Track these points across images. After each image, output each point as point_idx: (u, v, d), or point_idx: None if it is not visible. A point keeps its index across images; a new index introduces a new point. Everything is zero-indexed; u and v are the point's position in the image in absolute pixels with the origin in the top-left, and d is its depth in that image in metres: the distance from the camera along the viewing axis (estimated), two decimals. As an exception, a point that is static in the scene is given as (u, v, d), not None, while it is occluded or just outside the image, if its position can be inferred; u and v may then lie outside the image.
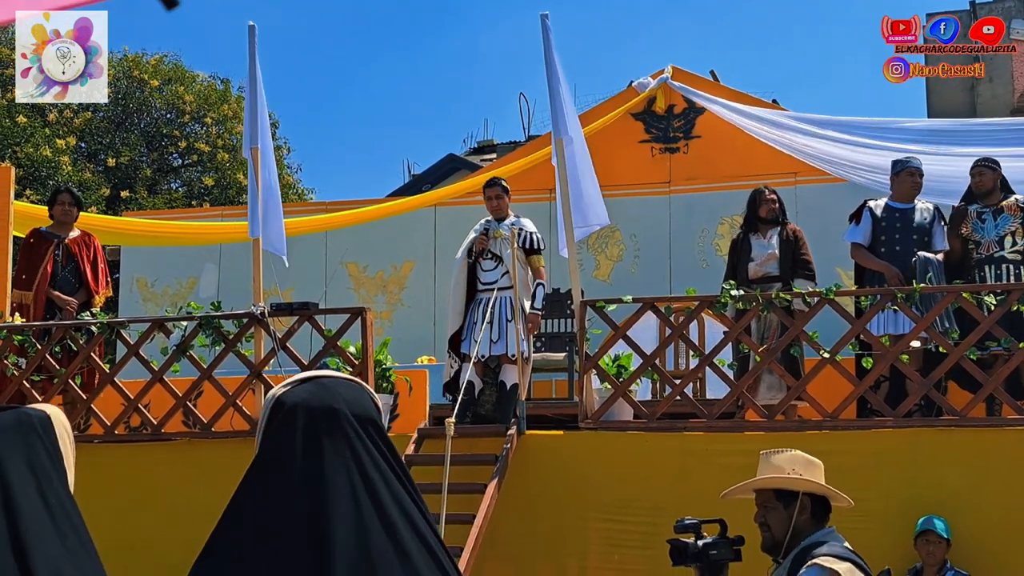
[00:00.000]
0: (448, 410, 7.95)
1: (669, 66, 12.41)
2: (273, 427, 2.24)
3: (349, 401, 2.28)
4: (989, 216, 8.61)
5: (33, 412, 2.47)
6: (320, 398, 2.26)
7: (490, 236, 8.90)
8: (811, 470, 3.97)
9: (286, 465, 2.19)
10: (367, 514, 2.15)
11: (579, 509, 7.69)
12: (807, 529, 3.85)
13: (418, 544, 2.19)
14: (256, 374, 8.30)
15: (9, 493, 2.30)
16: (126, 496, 8.20)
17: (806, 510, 3.86)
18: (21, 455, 2.36)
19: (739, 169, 11.58)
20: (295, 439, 2.20)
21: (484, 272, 8.90)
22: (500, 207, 9.07)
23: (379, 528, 2.15)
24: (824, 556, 3.70)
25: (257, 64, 8.65)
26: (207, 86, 24.45)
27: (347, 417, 2.24)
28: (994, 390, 7.58)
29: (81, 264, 9.58)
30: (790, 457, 4.00)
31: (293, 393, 2.28)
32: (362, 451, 2.21)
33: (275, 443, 2.22)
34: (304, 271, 12.14)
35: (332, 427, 2.21)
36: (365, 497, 2.17)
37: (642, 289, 9.99)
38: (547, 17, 8.37)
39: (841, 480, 7.22)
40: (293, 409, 2.24)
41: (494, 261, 8.88)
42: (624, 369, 8.13)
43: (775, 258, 8.83)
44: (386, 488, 2.20)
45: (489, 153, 26.90)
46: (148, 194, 22.94)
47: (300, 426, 2.22)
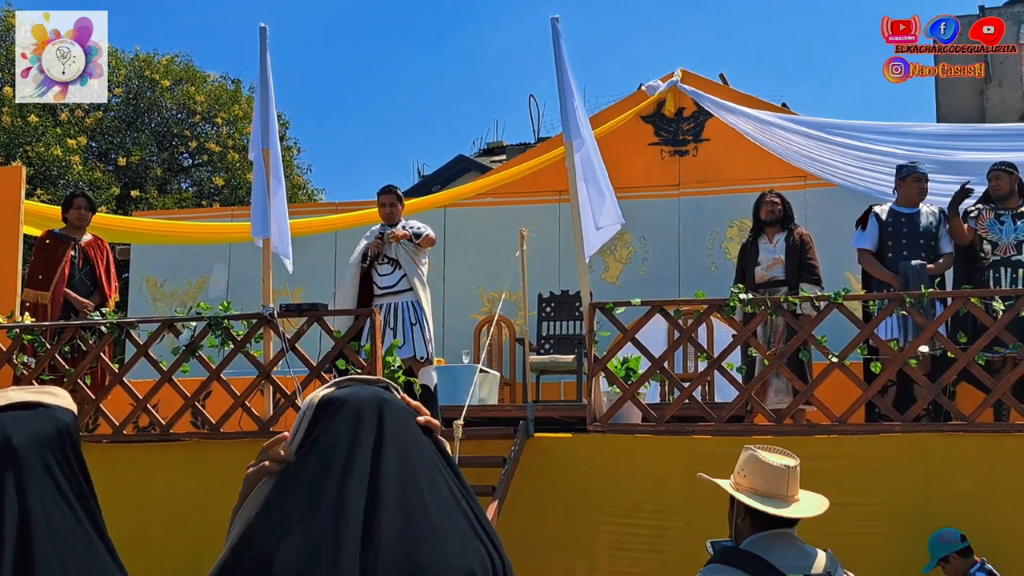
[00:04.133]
0: (455, 412, 7.97)
1: (679, 69, 12.41)
2: (320, 422, 2.24)
3: (392, 402, 2.30)
4: (1008, 219, 8.59)
5: (64, 413, 2.40)
6: (361, 395, 2.28)
7: (385, 240, 8.90)
8: (755, 475, 3.91)
9: (329, 449, 2.20)
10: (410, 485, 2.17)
11: (588, 512, 7.70)
12: (744, 532, 3.84)
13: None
14: (265, 375, 8.32)
15: (49, 516, 2.27)
16: (134, 496, 8.21)
17: (742, 513, 3.85)
18: (61, 472, 2.33)
19: (748, 172, 11.58)
20: (343, 428, 2.22)
21: (381, 276, 8.91)
22: (392, 215, 9.10)
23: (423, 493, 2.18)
24: (711, 565, 3.72)
25: (268, 66, 8.66)
26: (218, 86, 24.48)
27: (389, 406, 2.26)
28: (1002, 395, 7.57)
29: (97, 268, 9.68)
30: (744, 458, 3.98)
31: (338, 392, 2.30)
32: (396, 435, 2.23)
33: (322, 434, 2.23)
34: (314, 271, 12.16)
35: (372, 415, 2.23)
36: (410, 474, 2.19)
37: (651, 292, 10.00)
38: (557, 20, 8.37)
39: (849, 484, 7.27)
40: (343, 402, 2.26)
41: (391, 265, 8.90)
42: (633, 372, 8.13)
43: (781, 263, 8.85)
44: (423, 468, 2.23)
45: (499, 154, 26.93)
46: (158, 194, 22.97)
47: (347, 416, 2.23)
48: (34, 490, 2.25)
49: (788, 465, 3.88)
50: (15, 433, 2.29)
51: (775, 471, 3.85)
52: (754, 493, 3.82)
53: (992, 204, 8.72)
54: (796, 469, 3.89)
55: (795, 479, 3.89)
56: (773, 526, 3.79)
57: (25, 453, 2.27)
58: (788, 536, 3.81)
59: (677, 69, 12.42)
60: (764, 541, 3.76)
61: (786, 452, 3.95)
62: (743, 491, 3.84)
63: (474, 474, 7.49)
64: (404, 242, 8.81)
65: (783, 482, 3.86)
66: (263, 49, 8.68)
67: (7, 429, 2.29)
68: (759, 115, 11.51)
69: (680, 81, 12.20)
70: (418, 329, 8.74)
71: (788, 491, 3.85)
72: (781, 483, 3.86)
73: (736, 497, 3.85)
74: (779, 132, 11.18)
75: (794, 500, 3.86)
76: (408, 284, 8.82)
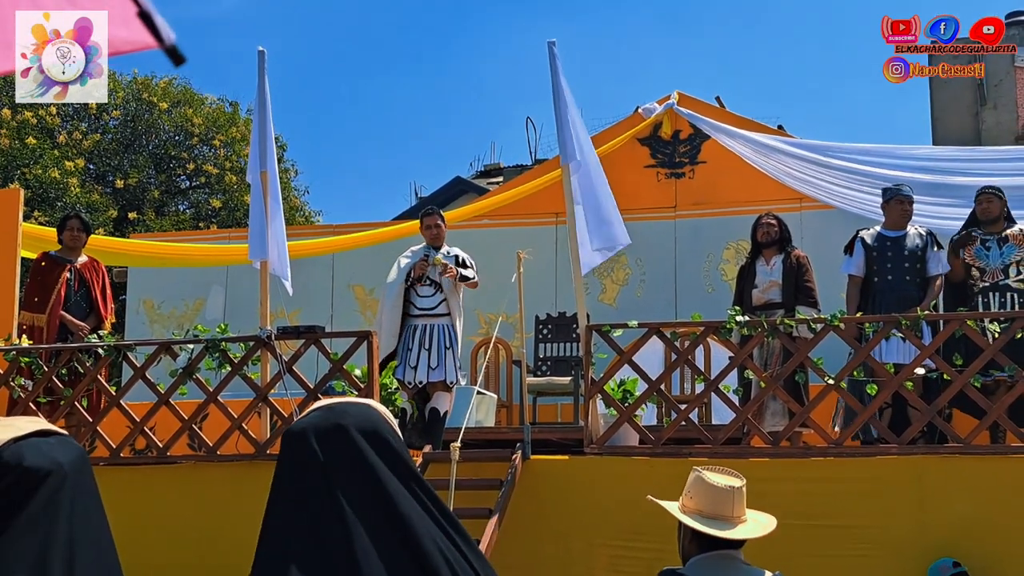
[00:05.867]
0: (452, 434, 7.97)
1: (675, 92, 12.46)
2: (287, 453, 2.28)
3: (356, 417, 2.32)
4: (994, 244, 8.65)
5: (75, 445, 2.45)
6: (327, 419, 2.31)
7: (429, 262, 8.96)
8: (701, 496, 3.92)
9: (300, 487, 2.23)
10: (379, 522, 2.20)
11: (585, 534, 7.69)
12: (691, 554, 3.86)
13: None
14: (262, 397, 8.32)
15: (87, 544, 2.31)
16: (130, 519, 8.19)
17: (688, 535, 3.86)
18: (93, 498, 2.37)
19: (745, 195, 11.61)
20: (306, 461, 2.25)
21: (421, 298, 8.98)
22: (438, 236, 9.19)
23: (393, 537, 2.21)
24: None
25: (267, 90, 8.69)
26: (216, 109, 24.54)
27: (353, 432, 2.29)
28: (998, 417, 7.58)
29: (93, 290, 9.68)
30: (691, 479, 3.98)
31: (303, 419, 2.33)
32: (372, 461, 2.25)
33: (288, 467, 2.26)
34: (311, 293, 12.17)
35: (340, 441, 2.26)
36: (380, 505, 2.22)
37: (648, 313, 10.01)
38: (554, 44, 8.41)
39: (845, 507, 7.27)
40: (303, 432, 2.29)
41: (432, 287, 8.96)
42: (630, 394, 8.14)
43: (777, 285, 8.89)
44: (401, 494, 2.25)
45: (496, 176, 26.98)
46: (156, 216, 22.99)
47: (312, 447, 2.26)
48: (83, 512, 2.31)
49: (733, 486, 3.87)
50: (63, 458, 2.33)
51: (719, 492, 3.85)
52: (699, 515, 3.82)
53: (978, 229, 8.77)
54: (742, 490, 3.88)
55: (740, 500, 3.89)
56: (718, 547, 3.79)
57: (74, 476, 2.32)
58: (731, 558, 3.81)
59: (674, 92, 12.48)
60: (706, 563, 3.77)
61: (732, 472, 3.93)
62: (688, 513, 3.85)
63: (471, 496, 7.49)
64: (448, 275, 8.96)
65: (728, 503, 3.85)
66: (261, 73, 8.70)
67: (55, 454, 2.33)
68: (755, 137, 11.55)
69: (677, 104, 12.25)
70: (451, 354, 8.83)
71: (733, 512, 3.84)
72: (726, 504, 3.85)
73: (680, 519, 3.86)
74: (775, 155, 11.22)
75: (740, 521, 3.85)
76: (447, 309, 8.95)
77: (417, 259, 9.05)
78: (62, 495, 2.28)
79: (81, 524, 2.30)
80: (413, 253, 9.17)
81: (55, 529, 2.22)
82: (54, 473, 2.26)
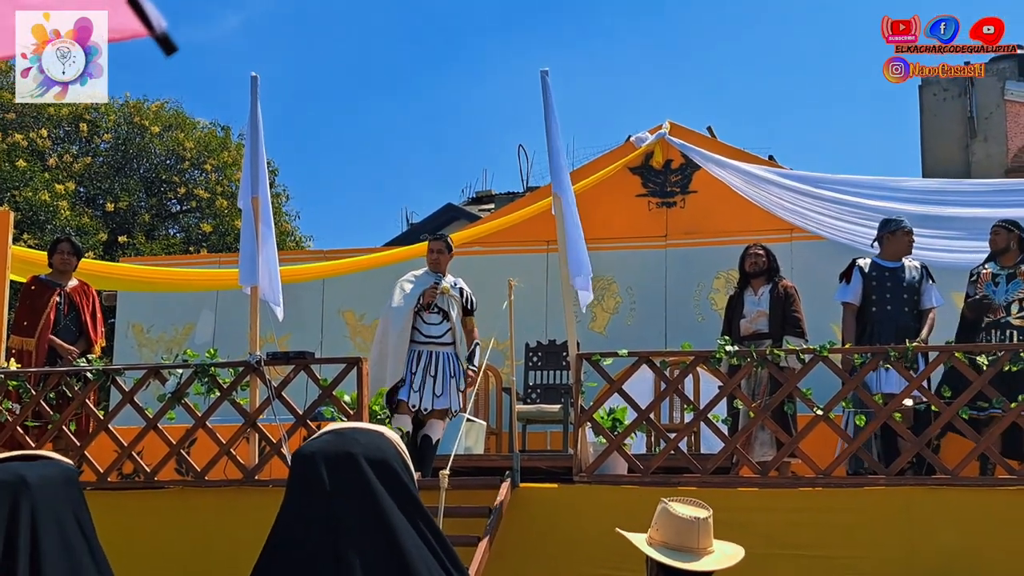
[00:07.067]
0: (441, 461, 7.95)
1: (667, 121, 12.50)
2: (294, 475, 2.29)
3: (366, 446, 2.32)
4: (1003, 280, 8.59)
5: (68, 465, 2.51)
6: (337, 445, 2.31)
7: (438, 290, 8.95)
8: (667, 528, 3.91)
9: (303, 514, 2.24)
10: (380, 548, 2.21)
11: (573, 563, 7.66)
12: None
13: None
14: (251, 423, 8.30)
15: (74, 556, 2.33)
16: (118, 543, 8.13)
17: (655, 568, 3.85)
18: (71, 512, 2.41)
19: (735, 224, 11.64)
20: (312, 486, 2.26)
21: (428, 325, 8.95)
22: (440, 262, 9.17)
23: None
24: None
25: (259, 115, 8.70)
26: (207, 133, 24.55)
27: (362, 460, 2.29)
28: (986, 449, 7.59)
29: (82, 314, 9.66)
30: (657, 511, 3.97)
31: (313, 442, 2.34)
32: (377, 492, 2.25)
33: (294, 492, 2.27)
34: (301, 319, 12.15)
35: (348, 469, 2.26)
36: (380, 533, 2.22)
37: (638, 342, 10.01)
38: (547, 74, 8.43)
39: (834, 538, 7.27)
40: (312, 456, 2.29)
41: (440, 315, 8.96)
42: (619, 422, 8.13)
43: (765, 315, 8.90)
44: (402, 523, 2.25)
45: (487, 203, 26.98)
46: (146, 239, 22.95)
47: (319, 473, 2.27)
48: (46, 525, 2.34)
49: (699, 517, 3.86)
50: (29, 473, 2.39)
51: (685, 523, 3.84)
52: (664, 546, 3.81)
53: (995, 263, 8.72)
54: (708, 520, 3.87)
55: (707, 531, 3.87)
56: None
57: (38, 491, 2.37)
58: None
59: (665, 121, 12.52)
60: None
61: (699, 504, 3.91)
62: (655, 545, 3.83)
63: (460, 524, 7.47)
64: (453, 301, 9.03)
65: (693, 534, 3.83)
66: (254, 98, 8.72)
67: (21, 470, 2.40)
68: (746, 168, 11.59)
69: (668, 133, 12.28)
70: (454, 383, 8.82)
71: (699, 543, 3.83)
72: (692, 535, 3.83)
73: (645, 552, 3.85)
74: (766, 185, 11.26)
75: (706, 552, 3.83)
76: (452, 338, 8.94)
77: (422, 285, 9.02)
78: (21, 506, 2.35)
79: (48, 538, 2.35)
80: (416, 278, 9.12)
81: (14, 536, 2.31)
82: (11, 484, 2.34)
